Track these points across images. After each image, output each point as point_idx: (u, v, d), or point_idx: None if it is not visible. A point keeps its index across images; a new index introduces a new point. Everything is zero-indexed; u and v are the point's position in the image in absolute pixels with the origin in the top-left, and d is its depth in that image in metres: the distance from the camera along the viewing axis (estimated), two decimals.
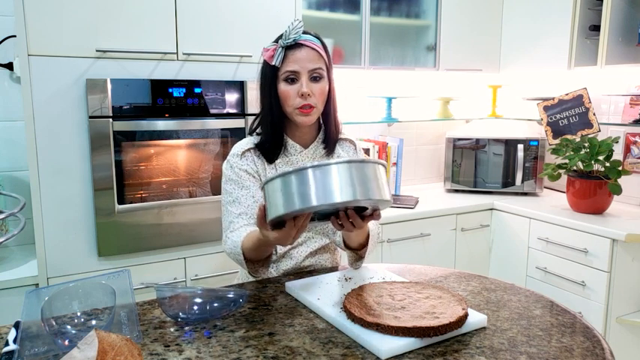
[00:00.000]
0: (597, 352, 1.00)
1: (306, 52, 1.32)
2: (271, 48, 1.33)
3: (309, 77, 1.33)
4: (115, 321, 1.03)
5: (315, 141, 1.45)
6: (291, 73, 1.33)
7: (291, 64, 1.32)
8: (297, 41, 1.32)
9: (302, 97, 1.32)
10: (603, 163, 2.36)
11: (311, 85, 1.33)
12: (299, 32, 1.31)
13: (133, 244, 2.01)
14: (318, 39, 1.36)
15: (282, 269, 1.44)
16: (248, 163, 1.40)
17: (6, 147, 2.17)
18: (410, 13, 2.87)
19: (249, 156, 1.41)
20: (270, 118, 1.39)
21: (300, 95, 1.32)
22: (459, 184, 2.99)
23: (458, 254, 2.68)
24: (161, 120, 2.01)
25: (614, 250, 2.16)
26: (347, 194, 0.98)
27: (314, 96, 1.34)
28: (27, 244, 2.19)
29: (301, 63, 1.32)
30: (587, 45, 2.69)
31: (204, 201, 2.13)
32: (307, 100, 1.33)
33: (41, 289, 1.09)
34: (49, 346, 0.97)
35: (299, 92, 1.32)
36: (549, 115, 2.66)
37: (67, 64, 1.85)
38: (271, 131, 1.40)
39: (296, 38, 1.31)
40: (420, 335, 1.00)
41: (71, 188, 1.90)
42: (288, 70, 1.32)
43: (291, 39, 1.31)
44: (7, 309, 1.85)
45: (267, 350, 0.99)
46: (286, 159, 1.43)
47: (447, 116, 3.15)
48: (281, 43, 1.32)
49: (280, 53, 1.32)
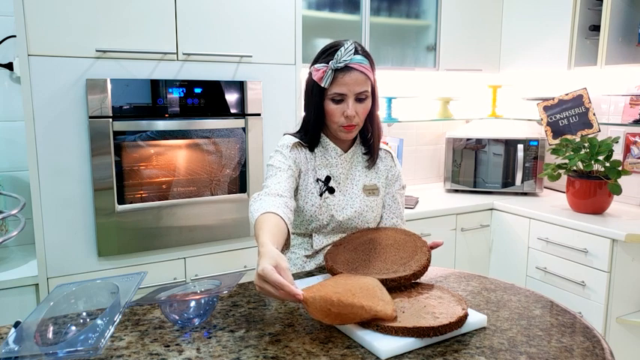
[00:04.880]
0: (597, 352, 1.00)
1: (355, 77, 1.35)
2: (321, 69, 1.36)
3: (355, 99, 1.37)
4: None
5: (354, 146, 1.51)
6: (338, 95, 1.37)
7: (338, 87, 1.36)
8: (347, 64, 1.34)
9: (346, 118, 1.38)
10: (603, 163, 2.36)
11: (356, 105, 1.38)
12: (351, 56, 1.34)
13: (133, 244, 2.01)
14: (366, 58, 1.38)
15: (315, 264, 1.49)
16: (296, 154, 1.45)
17: (6, 147, 2.17)
18: (410, 13, 2.87)
19: (296, 149, 1.46)
20: (313, 128, 1.45)
21: (345, 116, 1.38)
22: (458, 184, 2.99)
23: (458, 254, 2.68)
24: (161, 120, 2.01)
25: (614, 250, 2.16)
26: None
27: (357, 116, 1.39)
28: (27, 244, 2.19)
29: (349, 87, 1.36)
30: (587, 45, 2.69)
31: (205, 201, 2.13)
32: (351, 121, 1.39)
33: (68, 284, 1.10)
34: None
35: (344, 113, 1.37)
36: (549, 115, 2.66)
37: (67, 64, 1.85)
38: (312, 135, 1.46)
39: (347, 61, 1.34)
40: (420, 335, 1.00)
41: (71, 188, 1.90)
42: (335, 92, 1.37)
43: (342, 63, 1.34)
44: (7, 309, 1.85)
45: (267, 350, 0.99)
46: (326, 161, 1.48)
47: (447, 116, 3.15)
48: (332, 65, 1.34)
49: (330, 75, 1.35)
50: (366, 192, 1.49)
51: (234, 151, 2.19)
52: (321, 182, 1.46)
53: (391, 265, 1.22)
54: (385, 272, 1.19)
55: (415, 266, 1.19)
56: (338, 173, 1.47)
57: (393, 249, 1.29)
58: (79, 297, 1.11)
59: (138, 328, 1.08)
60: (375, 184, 1.51)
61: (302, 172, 1.46)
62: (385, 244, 1.31)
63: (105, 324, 0.97)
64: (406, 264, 1.21)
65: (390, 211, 1.55)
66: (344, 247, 1.34)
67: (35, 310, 1.04)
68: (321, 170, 1.47)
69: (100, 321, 0.98)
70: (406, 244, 1.29)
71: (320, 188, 1.45)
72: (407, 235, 1.34)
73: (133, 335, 1.05)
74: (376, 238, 1.34)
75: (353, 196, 1.48)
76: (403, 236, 1.33)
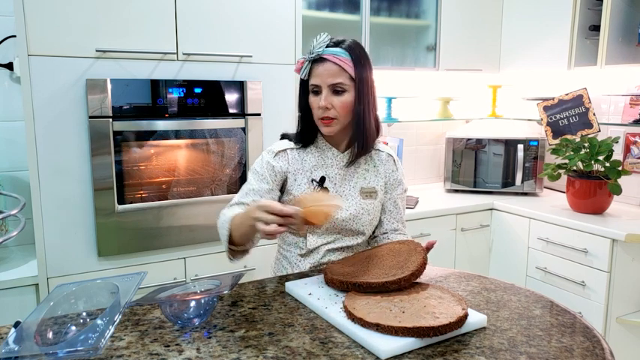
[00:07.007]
0: (597, 352, 1.00)
1: (328, 67, 1.36)
2: (300, 61, 1.40)
3: (331, 91, 1.38)
4: None
5: (352, 147, 1.48)
6: (315, 87, 1.39)
7: (313, 78, 1.39)
8: (320, 55, 1.37)
9: (321, 110, 1.38)
10: (603, 163, 2.36)
11: (332, 98, 1.38)
12: (322, 47, 1.36)
13: (133, 244, 2.01)
14: (347, 51, 1.37)
15: (310, 263, 1.48)
16: (280, 162, 1.46)
17: (6, 147, 2.17)
18: (410, 13, 2.87)
19: (283, 156, 1.46)
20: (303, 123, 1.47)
21: (319, 108, 1.39)
22: (458, 184, 2.99)
23: (458, 254, 2.68)
24: (161, 120, 2.01)
25: (614, 250, 2.16)
26: None
27: (334, 109, 1.38)
28: (27, 244, 2.19)
29: (322, 77, 1.37)
30: (587, 45, 2.69)
31: (204, 201, 2.13)
32: (327, 112, 1.39)
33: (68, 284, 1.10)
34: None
35: (319, 105, 1.38)
36: (549, 115, 2.66)
37: (67, 64, 1.85)
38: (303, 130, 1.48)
39: (319, 53, 1.36)
40: (420, 335, 1.00)
41: (71, 188, 1.90)
42: (312, 84, 1.40)
43: (314, 54, 1.37)
44: (7, 309, 1.85)
45: (267, 350, 0.99)
46: (322, 161, 1.48)
47: (447, 116, 3.15)
48: (307, 56, 1.38)
49: (307, 67, 1.39)
50: (363, 195, 1.48)
51: (235, 151, 2.19)
52: (315, 182, 1.45)
53: (389, 270, 1.22)
54: (384, 277, 1.19)
55: (412, 267, 1.20)
56: (334, 174, 1.46)
57: (389, 257, 1.30)
58: (79, 297, 1.11)
59: (138, 328, 1.08)
60: (374, 187, 1.50)
61: (289, 174, 1.46)
62: (381, 254, 1.32)
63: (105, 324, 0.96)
64: (404, 266, 1.22)
65: (390, 216, 1.54)
66: (342, 264, 1.34)
67: (35, 310, 1.04)
68: (317, 171, 1.46)
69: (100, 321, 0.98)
70: (401, 249, 1.31)
71: (314, 189, 1.45)
72: (401, 243, 1.35)
73: (133, 335, 1.05)
74: (372, 253, 1.35)
75: (349, 197, 1.46)
76: (398, 245, 1.34)
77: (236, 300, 1.24)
